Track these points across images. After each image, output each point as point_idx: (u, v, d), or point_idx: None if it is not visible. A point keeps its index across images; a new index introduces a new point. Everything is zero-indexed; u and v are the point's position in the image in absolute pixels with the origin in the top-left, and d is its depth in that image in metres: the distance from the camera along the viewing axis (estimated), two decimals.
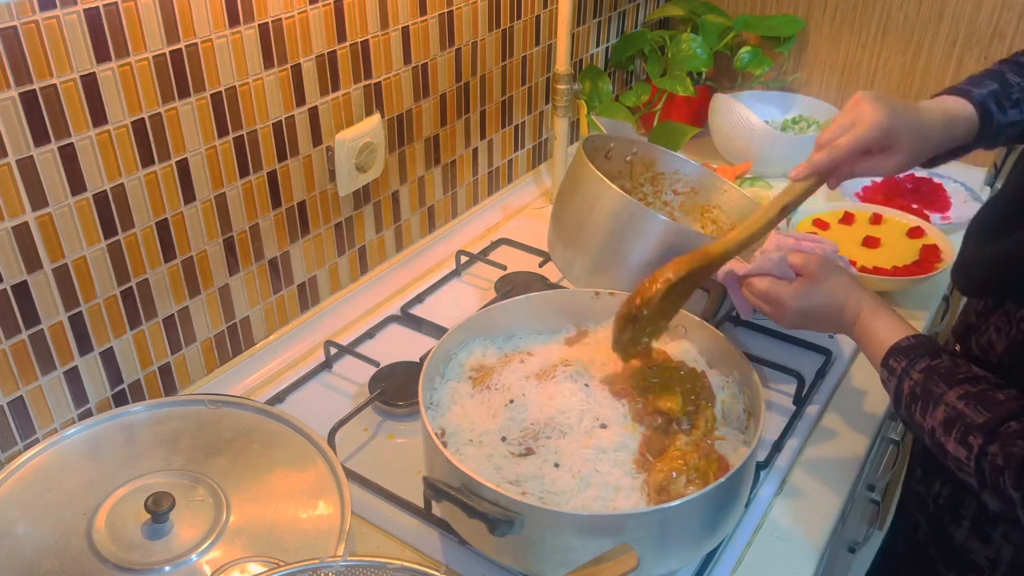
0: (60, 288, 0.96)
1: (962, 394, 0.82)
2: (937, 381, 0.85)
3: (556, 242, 1.26)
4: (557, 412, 0.95)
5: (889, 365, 0.91)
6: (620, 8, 1.81)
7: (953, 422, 0.82)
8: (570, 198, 1.22)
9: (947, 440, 0.82)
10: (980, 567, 0.97)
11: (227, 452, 0.95)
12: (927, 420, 0.85)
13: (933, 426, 0.84)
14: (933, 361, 0.87)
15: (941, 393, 0.84)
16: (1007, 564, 0.94)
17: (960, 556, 0.98)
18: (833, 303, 0.98)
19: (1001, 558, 0.94)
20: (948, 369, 0.85)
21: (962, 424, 0.81)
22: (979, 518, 0.96)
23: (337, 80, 1.19)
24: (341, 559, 0.71)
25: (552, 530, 0.83)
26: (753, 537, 0.99)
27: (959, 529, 0.98)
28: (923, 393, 0.86)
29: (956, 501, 0.98)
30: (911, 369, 0.88)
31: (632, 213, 1.13)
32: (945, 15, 1.71)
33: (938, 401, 0.84)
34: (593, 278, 1.19)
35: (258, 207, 1.15)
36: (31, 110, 0.87)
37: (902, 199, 1.62)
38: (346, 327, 1.32)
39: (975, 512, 0.96)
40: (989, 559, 0.96)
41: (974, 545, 0.97)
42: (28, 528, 0.86)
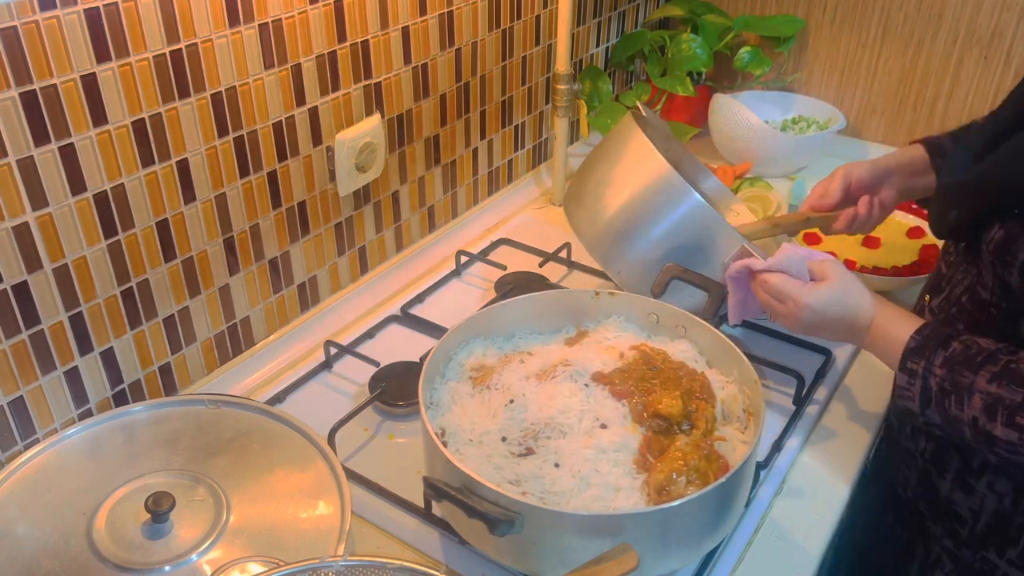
0: (60, 288, 0.96)
1: (990, 376, 0.83)
2: (961, 370, 0.85)
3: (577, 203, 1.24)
4: (557, 412, 0.95)
5: (909, 368, 0.90)
6: (620, 8, 1.81)
7: (994, 407, 0.82)
8: (607, 159, 1.20)
9: (993, 426, 0.83)
10: (964, 519, 0.98)
11: (227, 452, 0.95)
12: (965, 411, 0.85)
13: (974, 416, 0.84)
14: (947, 352, 0.88)
15: (970, 382, 0.84)
16: (989, 513, 0.96)
17: (946, 509, 1.00)
18: (848, 306, 0.98)
19: (984, 508, 0.96)
20: (964, 355, 0.86)
21: (1003, 407, 0.82)
22: (962, 470, 0.97)
23: (337, 80, 1.19)
24: (341, 559, 0.71)
25: (552, 530, 0.83)
26: (753, 537, 0.99)
27: (944, 482, 1.00)
28: (953, 386, 0.86)
29: (939, 454, 1.00)
30: (932, 366, 0.88)
31: (672, 184, 1.12)
32: (945, 15, 1.71)
33: (971, 390, 0.84)
34: (609, 244, 1.18)
35: (258, 207, 1.15)
36: (31, 110, 0.87)
37: None
38: (346, 327, 1.32)
39: (958, 465, 0.98)
40: (972, 510, 0.97)
41: (958, 497, 0.98)
42: (28, 528, 0.86)
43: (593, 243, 1.21)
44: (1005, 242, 0.85)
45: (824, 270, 1.00)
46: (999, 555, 0.97)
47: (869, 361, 1.26)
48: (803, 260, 1.01)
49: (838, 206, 1.20)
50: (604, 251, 1.20)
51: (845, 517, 1.16)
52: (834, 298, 0.98)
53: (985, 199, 0.88)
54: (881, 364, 1.24)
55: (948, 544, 1.01)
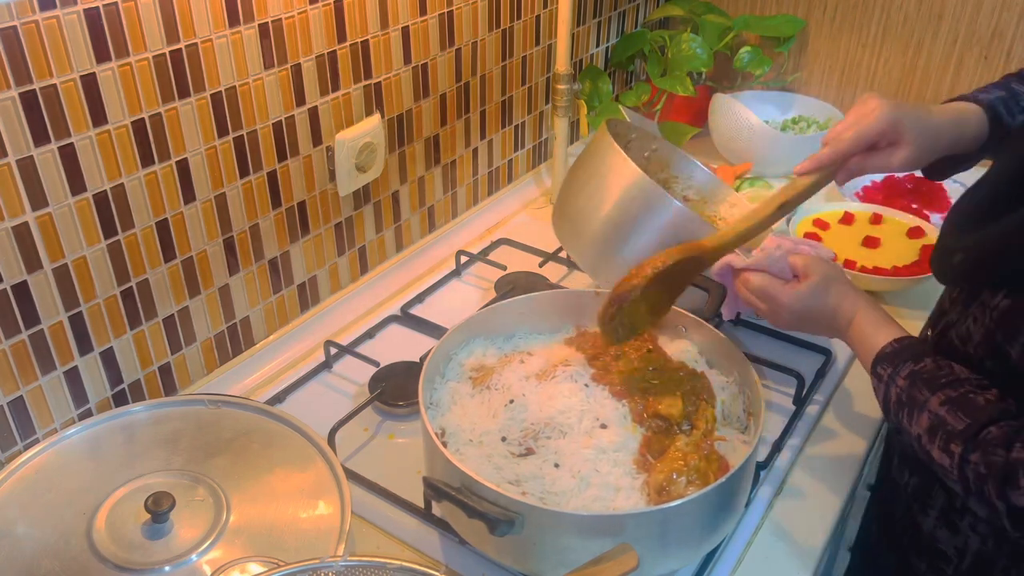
0: (60, 288, 0.96)
1: (944, 400, 0.82)
2: (921, 387, 0.84)
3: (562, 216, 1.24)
4: (557, 412, 0.95)
5: (877, 372, 0.91)
6: (620, 8, 1.81)
7: (936, 429, 0.81)
8: (584, 172, 1.20)
9: (932, 447, 0.82)
10: (948, 556, 0.97)
11: (227, 452, 0.95)
12: (913, 427, 0.84)
13: (919, 433, 0.84)
14: (917, 366, 0.86)
15: (924, 400, 0.83)
16: (973, 554, 0.94)
17: (930, 545, 0.98)
18: (828, 306, 0.98)
19: (968, 548, 0.94)
20: (931, 374, 0.85)
21: (943, 431, 0.80)
22: (947, 508, 0.96)
23: (337, 80, 1.19)
24: (341, 559, 0.71)
25: (552, 530, 0.83)
26: (753, 537, 0.99)
27: (927, 518, 0.98)
28: (908, 400, 0.85)
29: (925, 491, 0.98)
30: (896, 376, 0.88)
31: (647, 192, 1.12)
32: (945, 15, 1.71)
33: (922, 408, 0.83)
34: (596, 256, 1.18)
35: (258, 207, 1.15)
36: (31, 110, 0.87)
37: (902, 199, 1.62)
38: (346, 327, 1.32)
39: (943, 502, 0.96)
40: (957, 548, 0.96)
41: (942, 535, 0.97)
42: (28, 528, 0.86)
43: (581, 256, 1.22)
44: (1011, 314, 0.81)
45: (807, 268, 0.99)
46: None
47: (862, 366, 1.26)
48: (785, 256, 1.00)
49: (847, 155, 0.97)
50: (593, 263, 1.20)
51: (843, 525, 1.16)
52: (814, 297, 0.98)
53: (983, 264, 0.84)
54: None
55: None
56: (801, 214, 1.52)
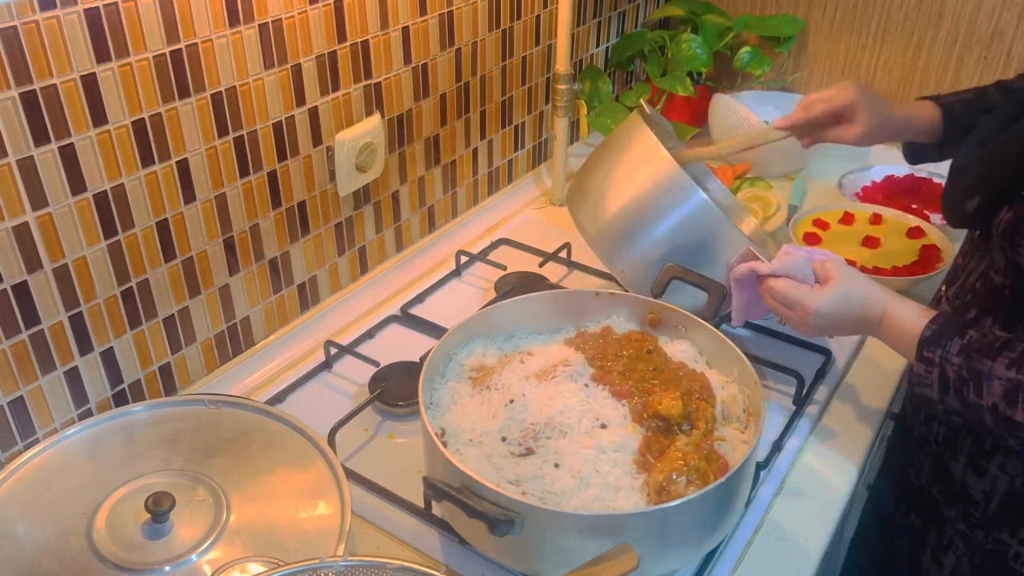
0: (60, 288, 0.96)
1: (1008, 363, 0.84)
2: (979, 358, 0.86)
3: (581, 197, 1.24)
4: (557, 412, 0.95)
5: (925, 357, 0.91)
6: (620, 8, 1.81)
7: (1014, 393, 0.83)
8: (612, 157, 1.20)
9: (1015, 411, 0.83)
10: (976, 501, 0.99)
11: (227, 452, 0.95)
12: (985, 398, 0.85)
13: (994, 402, 0.85)
14: (964, 339, 0.88)
15: (988, 368, 0.85)
16: (1001, 494, 0.97)
17: (960, 492, 1.01)
18: (855, 306, 0.98)
19: (996, 489, 0.97)
20: (981, 342, 0.87)
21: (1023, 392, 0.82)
22: (975, 452, 0.98)
23: (337, 80, 1.19)
24: (341, 559, 0.71)
25: (552, 530, 0.83)
26: (753, 537, 0.99)
27: (957, 465, 1.00)
28: (971, 374, 0.86)
29: (952, 438, 1.01)
30: (948, 355, 0.88)
31: (678, 183, 1.13)
32: (945, 15, 1.71)
33: (989, 377, 0.85)
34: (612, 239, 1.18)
35: (258, 207, 1.15)
36: (31, 110, 0.87)
37: (902, 199, 1.62)
38: (346, 327, 1.32)
39: (970, 447, 0.99)
40: (984, 492, 0.98)
41: (971, 479, 0.99)
42: (28, 528, 0.86)
43: (596, 240, 1.21)
44: (1014, 223, 0.85)
45: (828, 271, 1.00)
46: (1011, 535, 0.98)
47: (869, 361, 1.26)
48: (807, 262, 1.01)
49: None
50: (608, 248, 1.20)
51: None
52: (841, 299, 0.98)
53: (994, 183, 0.89)
54: (881, 363, 1.25)
55: (961, 527, 1.02)
56: (801, 214, 1.52)
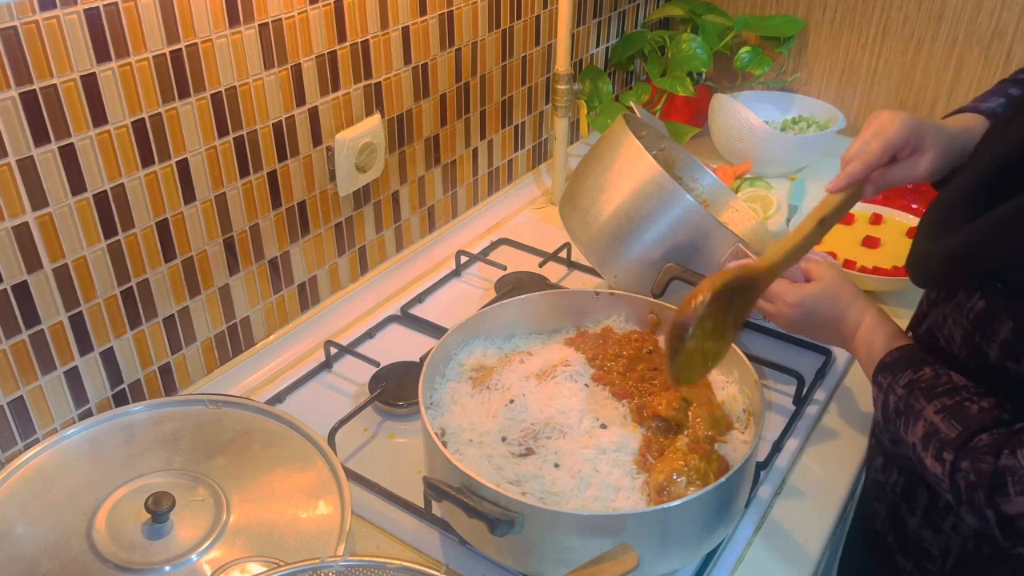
0: (60, 288, 0.96)
1: (939, 408, 0.82)
2: (918, 396, 0.84)
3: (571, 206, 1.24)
4: (557, 412, 0.95)
5: (878, 381, 0.90)
6: (620, 8, 1.81)
7: (930, 437, 0.81)
8: (599, 164, 1.21)
9: (926, 456, 0.82)
10: (933, 556, 0.97)
11: (227, 452, 0.95)
12: (909, 435, 0.84)
13: (914, 442, 0.84)
14: (916, 375, 0.86)
15: (921, 408, 0.83)
16: (955, 555, 0.94)
17: (915, 544, 0.99)
18: (835, 311, 0.98)
19: (951, 548, 0.95)
20: (929, 382, 0.85)
21: (936, 439, 0.80)
22: (930, 508, 0.96)
23: (337, 80, 1.19)
24: (341, 559, 0.71)
25: (552, 530, 0.83)
26: (753, 537, 0.99)
27: (913, 518, 0.98)
28: (905, 408, 0.85)
29: (910, 490, 0.99)
30: (895, 384, 0.87)
31: (663, 187, 1.13)
32: (945, 15, 1.71)
33: (918, 416, 0.83)
34: (604, 247, 1.18)
35: (258, 207, 1.15)
36: (31, 110, 0.87)
37: (902, 199, 1.62)
38: (346, 327, 1.32)
39: (927, 502, 0.96)
40: (941, 548, 0.96)
41: (926, 534, 0.97)
42: (28, 528, 0.86)
43: (589, 247, 1.22)
44: (986, 315, 0.82)
45: (818, 271, 0.99)
46: None
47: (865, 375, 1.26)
48: None
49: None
50: (600, 255, 1.20)
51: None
52: (823, 299, 0.97)
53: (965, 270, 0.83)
54: None
55: None
56: (801, 214, 1.52)
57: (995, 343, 0.80)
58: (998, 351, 0.80)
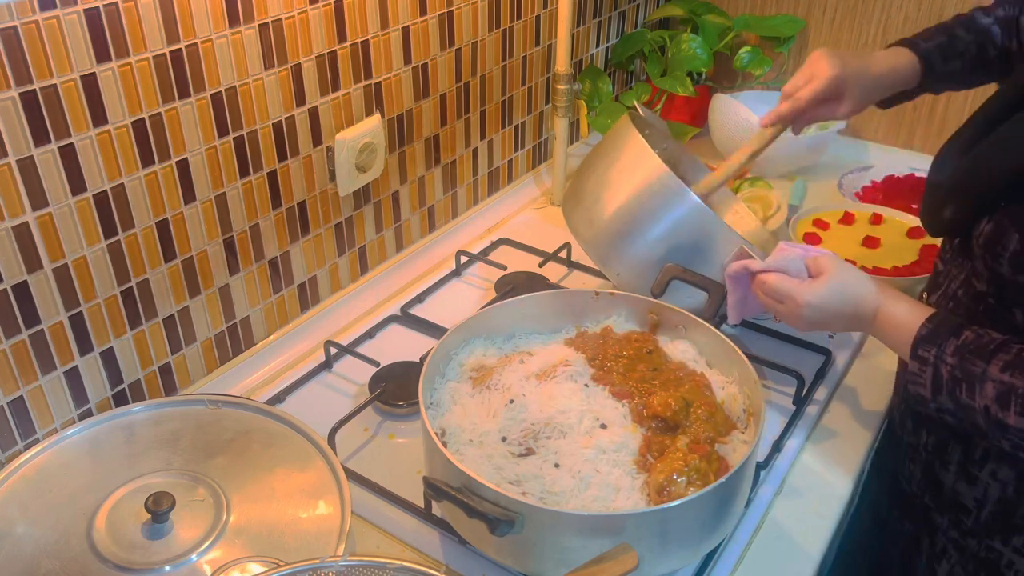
0: (60, 288, 0.96)
1: (1003, 365, 0.83)
2: (973, 359, 0.85)
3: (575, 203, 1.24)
4: (557, 412, 0.95)
5: (920, 356, 0.90)
6: (620, 8, 1.81)
7: (1007, 396, 0.82)
8: (603, 162, 1.21)
9: (1007, 415, 0.83)
10: (968, 509, 0.99)
11: (227, 452, 0.95)
12: (977, 400, 0.85)
13: (986, 404, 0.84)
14: (959, 340, 0.87)
15: (982, 370, 0.84)
16: (993, 502, 0.96)
17: (951, 500, 1.00)
18: (849, 300, 0.97)
19: (988, 497, 0.97)
20: (976, 343, 0.86)
21: (1016, 396, 0.82)
22: (965, 461, 0.98)
23: (337, 80, 1.19)
24: (341, 559, 0.71)
25: (552, 530, 0.83)
26: (753, 537, 0.99)
27: (947, 473, 1.00)
28: (964, 375, 0.86)
29: (942, 447, 1.00)
30: (943, 354, 0.88)
31: (668, 186, 1.13)
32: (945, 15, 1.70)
33: (983, 378, 0.84)
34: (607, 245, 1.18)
35: (258, 207, 1.15)
36: (31, 110, 0.87)
37: (902, 199, 1.62)
38: (346, 327, 1.32)
39: (960, 456, 0.98)
40: (976, 499, 0.98)
41: (962, 487, 0.99)
42: (28, 528, 0.86)
43: (591, 245, 1.22)
44: (994, 235, 0.85)
45: (821, 265, 0.99)
46: (1004, 543, 0.97)
47: (869, 361, 1.26)
48: (800, 258, 1.01)
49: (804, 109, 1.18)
50: (603, 253, 1.20)
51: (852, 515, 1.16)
52: (833, 292, 0.97)
53: (970, 194, 0.89)
54: (881, 363, 1.25)
55: (954, 535, 1.02)
56: (801, 214, 1.52)
57: (1004, 259, 0.84)
58: (1008, 267, 0.84)
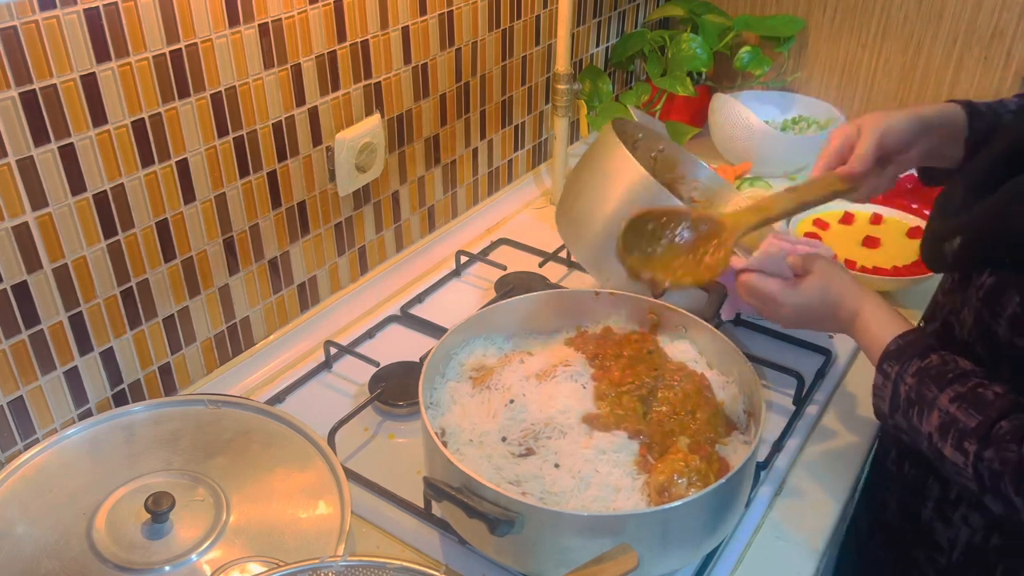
0: (60, 288, 0.96)
1: (953, 396, 0.82)
2: (929, 384, 0.84)
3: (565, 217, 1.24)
4: (557, 412, 0.95)
5: (884, 370, 0.90)
6: (620, 8, 1.81)
7: (948, 427, 0.81)
8: (588, 172, 1.20)
9: (944, 445, 0.82)
10: (942, 547, 0.98)
11: (227, 452, 0.95)
12: (924, 425, 0.84)
13: (930, 431, 0.83)
14: (923, 362, 0.86)
15: (933, 397, 0.83)
16: (963, 545, 0.95)
17: (928, 536, 0.99)
18: (828, 301, 0.97)
19: (959, 540, 0.95)
20: (938, 370, 0.85)
21: (955, 429, 0.80)
22: (941, 499, 0.97)
23: (337, 80, 1.19)
24: (341, 559, 0.71)
25: (552, 530, 0.83)
26: (753, 537, 0.99)
27: (925, 510, 0.99)
28: (918, 398, 0.85)
29: (921, 482, 0.99)
30: (904, 373, 0.87)
31: (652, 193, 1.12)
32: (945, 15, 1.71)
33: (932, 405, 0.83)
34: (598, 256, 1.18)
35: (258, 207, 1.15)
36: (31, 110, 0.87)
37: (902, 199, 1.62)
38: (346, 327, 1.32)
39: (938, 493, 0.97)
40: (949, 540, 0.97)
41: (937, 526, 0.98)
42: (28, 528, 0.86)
43: (586, 259, 1.22)
44: (995, 291, 0.83)
45: (807, 265, 0.99)
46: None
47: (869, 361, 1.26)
48: (783, 256, 1.00)
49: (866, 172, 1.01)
50: (597, 266, 1.20)
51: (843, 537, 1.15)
52: (813, 294, 0.97)
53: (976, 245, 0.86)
54: None
55: (929, 572, 1.00)
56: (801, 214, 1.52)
57: (1003, 319, 0.81)
58: (1006, 328, 0.81)
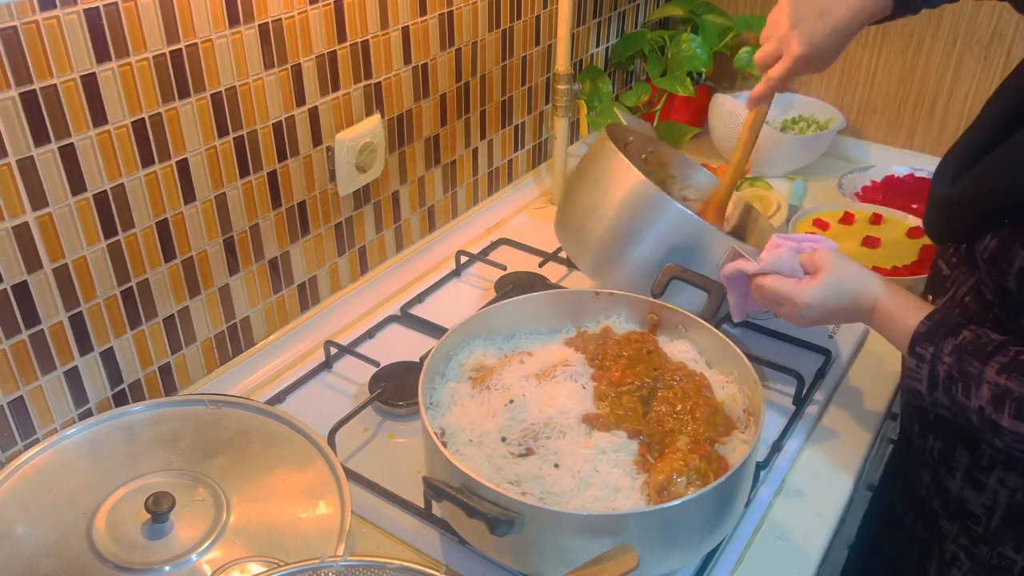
0: (60, 288, 0.96)
1: (999, 368, 0.83)
2: (970, 360, 0.85)
3: (565, 225, 1.24)
4: (557, 412, 0.95)
5: (917, 353, 0.90)
6: (620, 8, 1.81)
7: (1002, 398, 0.82)
8: (586, 180, 1.21)
9: (1000, 417, 0.83)
10: (978, 516, 0.98)
11: (227, 452, 0.95)
12: (972, 400, 0.85)
13: (981, 405, 0.84)
14: (957, 339, 0.87)
15: (979, 372, 0.84)
16: (1003, 508, 0.96)
17: (959, 507, 1.00)
18: (847, 294, 0.97)
19: (997, 503, 0.96)
20: (974, 344, 0.86)
21: (1011, 399, 0.82)
22: (971, 467, 0.97)
23: (337, 80, 1.19)
24: (341, 559, 0.71)
25: (552, 530, 0.83)
26: (753, 537, 0.99)
27: (953, 480, 1.00)
28: (960, 375, 0.86)
29: (947, 453, 1.00)
30: (940, 353, 0.88)
31: (650, 197, 1.13)
32: (945, 15, 1.71)
33: (979, 380, 0.84)
34: (600, 263, 1.18)
35: (258, 207, 1.15)
36: (31, 110, 0.87)
37: (902, 199, 1.62)
38: (346, 327, 1.32)
39: (967, 463, 0.98)
40: (985, 506, 0.97)
41: (969, 494, 0.98)
42: (28, 528, 0.86)
43: (587, 266, 1.22)
44: (999, 250, 0.85)
45: (817, 261, 0.99)
46: (1016, 550, 0.97)
47: (869, 361, 1.26)
48: (794, 256, 1.00)
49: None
50: (598, 273, 1.20)
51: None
52: (831, 289, 0.97)
53: (975, 210, 0.88)
54: (882, 363, 1.25)
55: (964, 542, 1.01)
56: (801, 214, 1.52)
57: (1011, 275, 0.83)
58: (1016, 283, 0.83)
